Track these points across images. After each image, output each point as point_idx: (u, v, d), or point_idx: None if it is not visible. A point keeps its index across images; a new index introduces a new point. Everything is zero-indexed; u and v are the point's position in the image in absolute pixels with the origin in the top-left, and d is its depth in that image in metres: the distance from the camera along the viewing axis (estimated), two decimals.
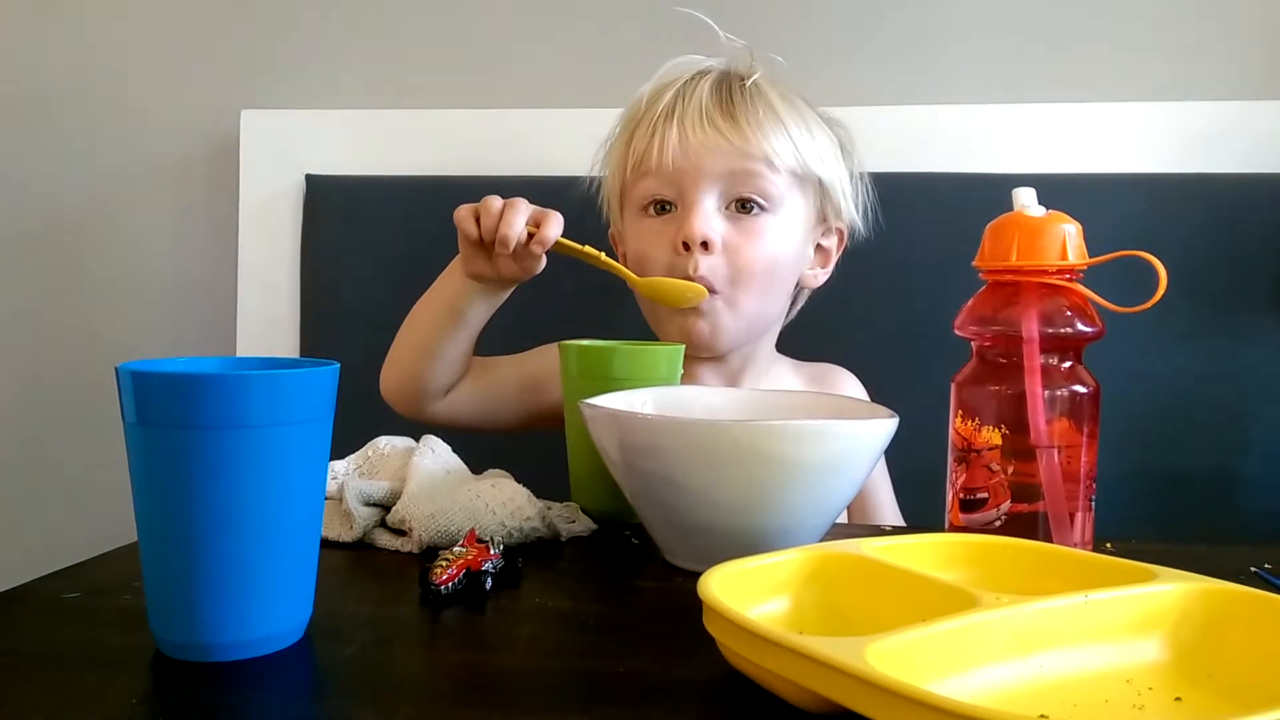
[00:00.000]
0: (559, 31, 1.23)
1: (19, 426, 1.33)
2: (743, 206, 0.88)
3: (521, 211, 0.79)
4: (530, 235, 0.79)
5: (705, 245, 0.87)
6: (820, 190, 0.92)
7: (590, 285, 1.00)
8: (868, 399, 0.97)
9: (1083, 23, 1.16)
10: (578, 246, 0.81)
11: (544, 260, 0.81)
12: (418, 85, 1.25)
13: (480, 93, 1.24)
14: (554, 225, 0.79)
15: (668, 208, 0.90)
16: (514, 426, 0.97)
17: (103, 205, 1.31)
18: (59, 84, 1.31)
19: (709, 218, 0.87)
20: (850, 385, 1.00)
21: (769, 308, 0.93)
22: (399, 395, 0.91)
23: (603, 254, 0.82)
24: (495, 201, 0.80)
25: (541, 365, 0.95)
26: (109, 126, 1.30)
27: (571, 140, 1.01)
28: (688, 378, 0.90)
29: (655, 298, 0.87)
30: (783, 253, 0.90)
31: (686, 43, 0.95)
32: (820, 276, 0.97)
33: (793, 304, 0.99)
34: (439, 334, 0.87)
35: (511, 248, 0.78)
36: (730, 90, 0.90)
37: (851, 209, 0.95)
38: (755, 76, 0.91)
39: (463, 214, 0.81)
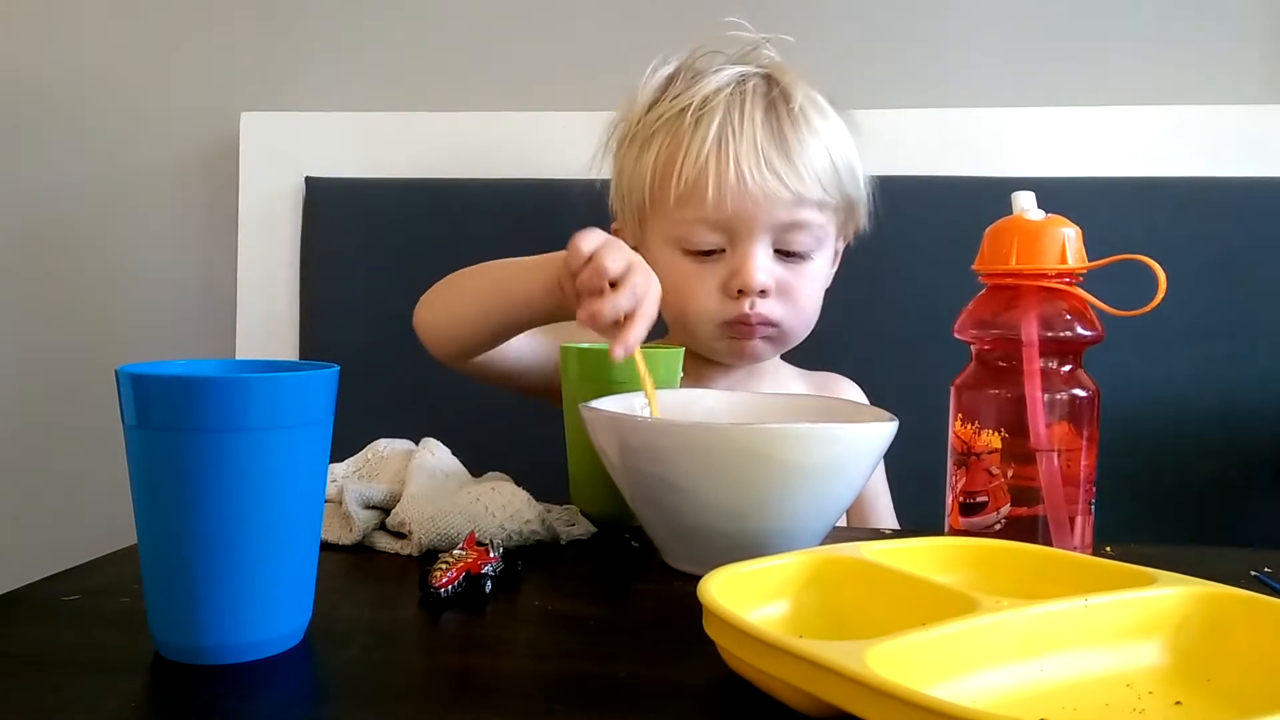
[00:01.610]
0: (559, 34, 1.23)
1: (18, 428, 1.33)
2: (793, 252, 0.88)
3: (625, 298, 0.68)
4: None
5: (762, 292, 0.86)
6: (848, 206, 0.92)
7: None
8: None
9: (1082, 27, 1.16)
10: (644, 373, 0.69)
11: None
12: (418, 87, 1.25)
13: (480, 95, 1.24)
14: (640, 328, 0.68)
15: (716, 250, 0.87)
16: (530, 390, 0.94)
17: (102, 207, 1.31)
18: (59, 85, 1.31)
19: (765, 265, 0.86)
20: (852, 393, 1.00)
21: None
22: (438, 348, 0.87)
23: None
24: (605, 273, 0.67)
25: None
26: (109, 128, 1.30)
27: (571, 143, 1.01)
28: (699, 383, 0.90)
29: None
30: (824, 282, 0.92)
31: (689, 45, 0.94)
32: (830, 278, 0.97)
33: None
34: (499, 318, 0.82)
35: (600, 328, 0.69)
36: (779, 119, 0.87)
37: (865, 217, 0.95)
38: (799, 101, 0.87)
39: (583, 278, 0.69)
